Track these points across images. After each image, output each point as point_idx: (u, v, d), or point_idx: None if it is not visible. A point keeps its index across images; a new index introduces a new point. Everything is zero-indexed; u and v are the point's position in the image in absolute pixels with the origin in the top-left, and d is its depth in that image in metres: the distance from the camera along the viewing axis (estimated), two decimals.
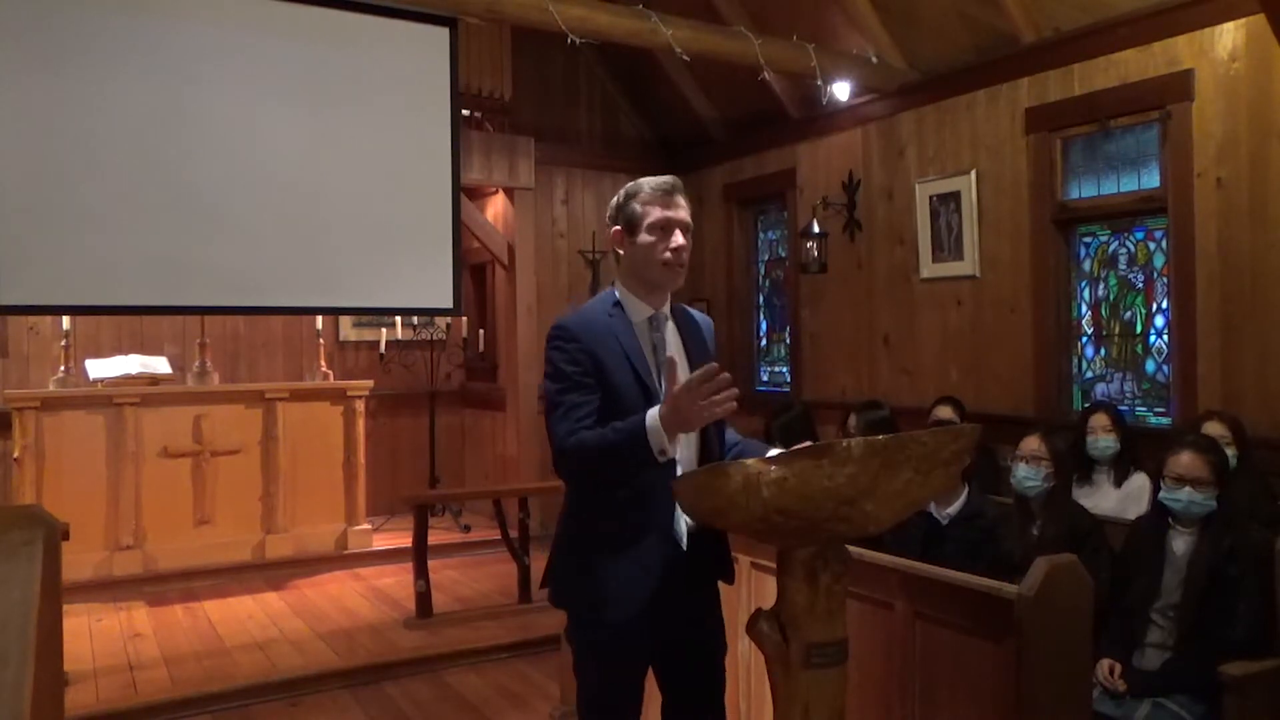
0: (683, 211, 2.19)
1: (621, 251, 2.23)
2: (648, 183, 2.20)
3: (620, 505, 2.10)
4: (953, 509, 3.39)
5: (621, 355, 2.13)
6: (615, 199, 2.25)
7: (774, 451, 2.03)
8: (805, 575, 1.93)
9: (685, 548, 2.14)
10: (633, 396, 2.10)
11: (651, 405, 2.05)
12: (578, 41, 4.70)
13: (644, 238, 2.16)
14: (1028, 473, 3.27)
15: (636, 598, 2.08)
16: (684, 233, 2.17)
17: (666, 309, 2.26)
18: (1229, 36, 4.07)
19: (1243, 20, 4.00)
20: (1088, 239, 4.87)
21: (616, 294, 2.24)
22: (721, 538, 2.25)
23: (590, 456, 2.05)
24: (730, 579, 2.31)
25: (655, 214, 2.16)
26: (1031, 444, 3.30)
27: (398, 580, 5.75)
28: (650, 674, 2.27)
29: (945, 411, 4.75)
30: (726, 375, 1.94)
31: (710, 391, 1.92)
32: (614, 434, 2.02)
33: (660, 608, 2.10)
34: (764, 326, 7.21)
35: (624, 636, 2.12)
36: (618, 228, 2.22)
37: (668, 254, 2.15)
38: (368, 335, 7.58)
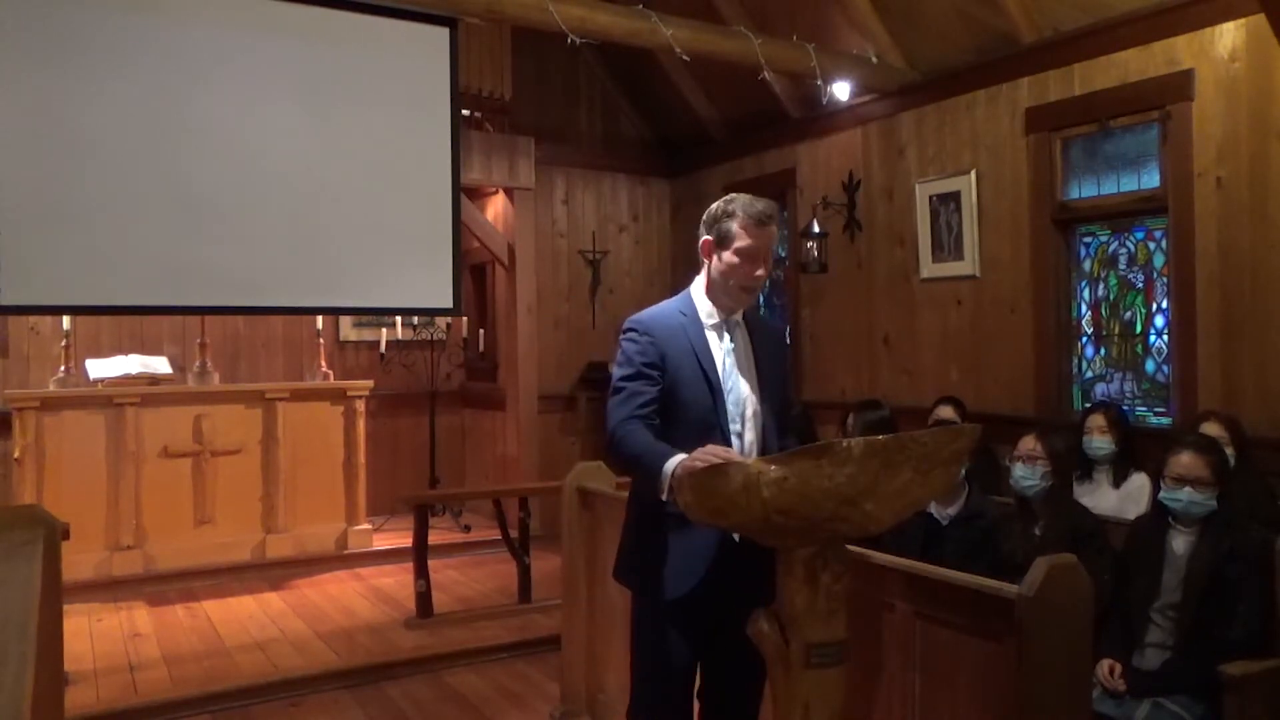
0: (773, 240, 2.33)
1: (707, 261, 2.35)
2: (746, 207, 2.30)
3: None
4: (953, 509, 3.39)
5: (690, 352, 2.27)
6: (714, 208, 2.36)
7: None
8: (805, 575, 1.93)
9: (737, 535, 2.21)
10: (699, 391, 2.25)
11: (717, 401, 2.25)
12: (578, 41, 4.70)
13: (731, 258, 2.29)
14: (1024, 472, 3.27)
15: (690, 577, 2.21)
16: (767, 261, 2.32)
17: (739, 315, 2.38)
18: (1229, 36, 4.07)
19: (1243, 20, 4.00)
20: (1088, 239, 4.87)
21: (691, 296, 2.38)
22: None
23: (623, 456, 2.20)
24: None
25: (746, 240, 2.28)
26: (1028, 444, 3.30)
27: (398, 580, 5.75)
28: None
29: (947, 411, 4.75)
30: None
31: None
32: (644, 454, 2.14)
33: (714, 589, 2.21)
34: None
35: (677, 614, 2.23)
36: (709, 238, 2.34)
37: (748, 280, 2.29)
38: (368, 335, 7.58)
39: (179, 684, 4.13)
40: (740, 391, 2.30)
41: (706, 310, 2.35)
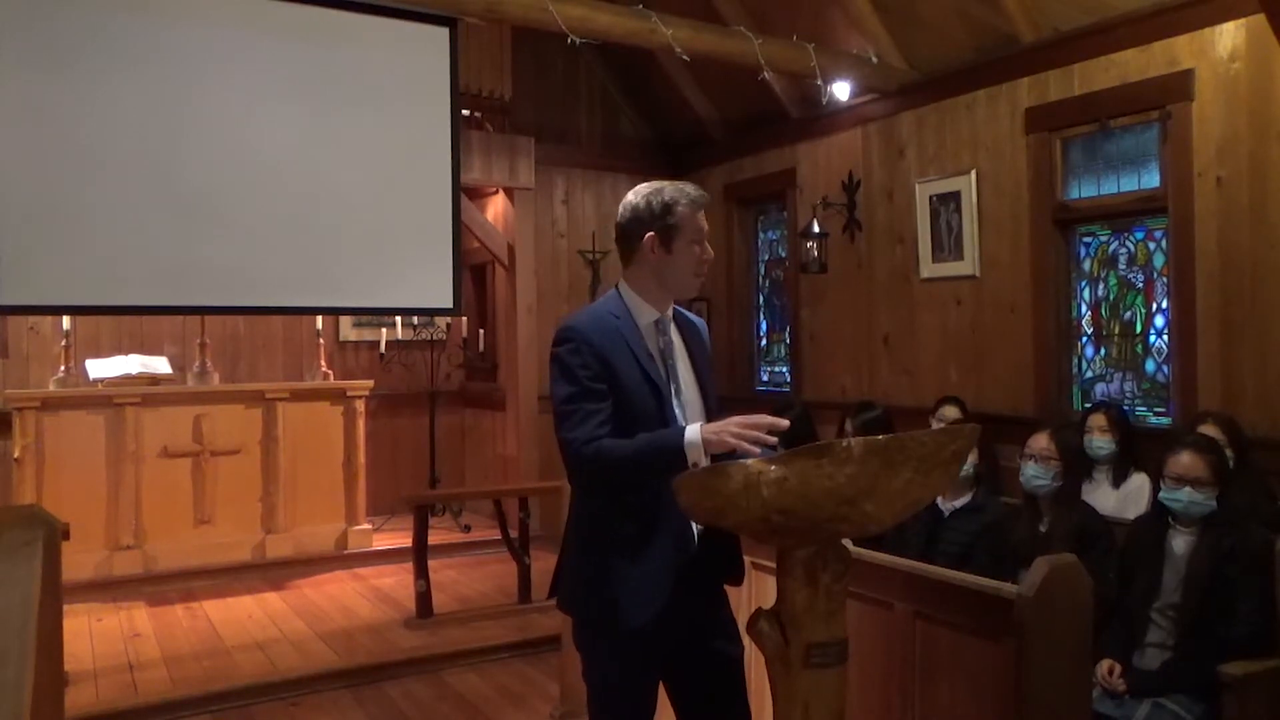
0: (706, 224, 2.27)
1: (651, 256, 2.20)
2: (684, 195, 2.21)
3: (635, 508, 2.11)
4: (958, 503, 3.42)
5: (631, 358, 2.14)
6: (650, 204, 2.19)
7: None
8: (805, 575, 1.93)
9: (695, 550, 2.14)
10: (644, 398, 2.13)
11: (664, 406, 2.13)
12: (578, 41, 4.70)
13: (683, 247, 2.20)
14: (1037, 471, 3.26)
15: (652, 602, 2.08)
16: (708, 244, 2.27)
17: (670, 312, 2.28)
18: (1229, 36, 4.07)
19: (1243, 20, 4.00)
20: (1088, 239, 4.87)
21: (622, 298, 2.24)
22: (733, 538, 2.25)
23: (614, 465, 2.05)
24: (739, 581, 2.31)
25: (693, 227, 2.20)
26: (1041, 442, 3.29)
27: (398, 580, 5.75)
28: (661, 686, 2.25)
29: (952, 412, 4.76)
30: (784, 424, 2.00)
31: (764, 432, 1.96)
32: (645, 445, 2.04)
33: (671, 611, 2.10)
34: (764, 326, 7.21)
35: (637, 642, 2.11)
36: (652, 233, 2.18)
37: (701, 266, 2.23)
38: (368, 335, 7.58)
39: (179, 684, 4.13)
40: (685, 392, 2.22)
41: (641, 311, 2.22)
